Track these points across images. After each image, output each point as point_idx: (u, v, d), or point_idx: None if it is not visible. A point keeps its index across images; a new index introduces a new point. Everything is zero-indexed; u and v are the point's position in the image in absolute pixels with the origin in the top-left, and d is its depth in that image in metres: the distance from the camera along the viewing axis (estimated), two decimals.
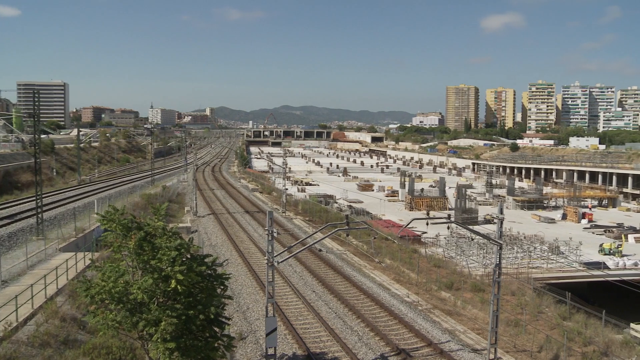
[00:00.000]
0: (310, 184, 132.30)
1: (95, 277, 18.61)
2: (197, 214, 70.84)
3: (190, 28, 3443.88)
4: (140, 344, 19.07)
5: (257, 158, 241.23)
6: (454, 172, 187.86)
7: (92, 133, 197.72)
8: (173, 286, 16.96)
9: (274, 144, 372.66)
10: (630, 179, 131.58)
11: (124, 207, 21.95)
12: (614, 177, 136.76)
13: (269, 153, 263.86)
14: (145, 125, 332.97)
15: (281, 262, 25.25)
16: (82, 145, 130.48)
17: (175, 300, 17.60)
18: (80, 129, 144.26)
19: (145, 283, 16.99)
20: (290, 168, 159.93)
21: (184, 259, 17.76)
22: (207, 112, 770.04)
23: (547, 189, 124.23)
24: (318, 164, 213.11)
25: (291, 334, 28.23)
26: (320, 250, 48.94)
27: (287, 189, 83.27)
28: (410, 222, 29.61)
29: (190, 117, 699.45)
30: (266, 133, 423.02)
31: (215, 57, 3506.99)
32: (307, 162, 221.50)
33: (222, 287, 19.55)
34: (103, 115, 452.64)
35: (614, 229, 78.37)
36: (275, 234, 23.78)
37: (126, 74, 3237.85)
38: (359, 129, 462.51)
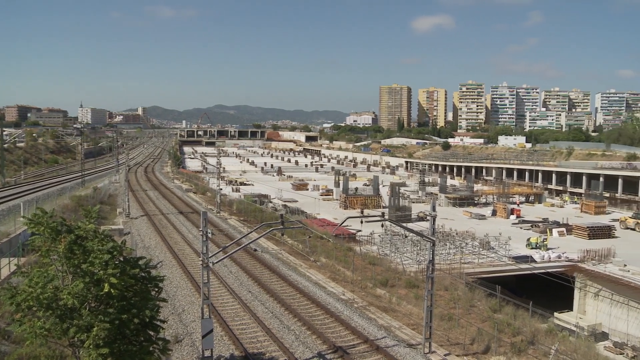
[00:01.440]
0: (245, 184, 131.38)
1: (21, 284, 17.91)
2: (129, 216, 69.35)
3: (120, 25, 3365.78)
4: (71, 351, 18.45)
5: (191, 158, 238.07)
6: (387, 170, 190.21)
7: (17, 133, 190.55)
8: (106, 290, 16.50)
9: (208, 144, 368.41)
10: (554, 176, 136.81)
11: (53, 209, 21.23)
12: (540, 174, 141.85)
13: (202, 153, 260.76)
14: (74, 125, 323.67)
15: (216, 262, 25.03)
16: (6, 145, 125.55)
17: (108, 305, 17.15)
18: (4, 129, 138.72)
19: (76, 288, 16.48)
20: (224, 168, 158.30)
21: (116, 262, 17.32)
22: (140, 112, 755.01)
23: (477, 186, 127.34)
24: (252, 163, 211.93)
25: (228, 335, 28.02)
26: (255, 250, 48.74)
27: (221, 189, 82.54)
28: (345, 220, 29.86)
29: (122, 117, 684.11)
30: (200, 133, 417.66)
31: (147, 56, 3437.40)
32: (241, 162, 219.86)
33: (156, 289, 19.21)
34: (29, 115, 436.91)
35: (539, 224, 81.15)
36: (209, 235, 23.56)
37: (54, 72, 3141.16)
38: (293, 129, 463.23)
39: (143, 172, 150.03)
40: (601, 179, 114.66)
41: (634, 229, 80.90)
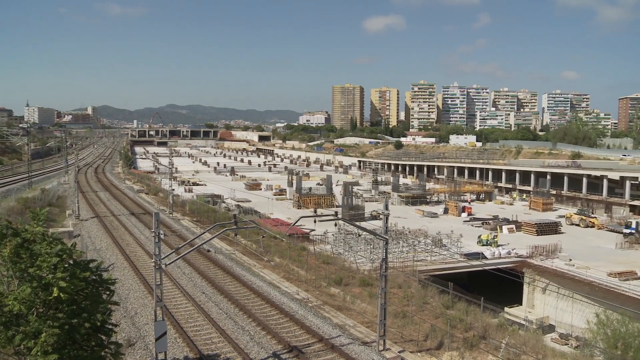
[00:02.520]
0: (198, 184, 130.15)
1: None
2: (79, 218, 67.80)
3: (68, 21, 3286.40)
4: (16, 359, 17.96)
5: (143, 158, 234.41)
6: (340, 170, 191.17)
7: None
8: (55, 294, 16.07)
9: (160, 144, 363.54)
10: (503, 174, 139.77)
11: None
12: (490, 173, 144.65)
13: (154, 153, 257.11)
14: (20, 125, 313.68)
15: (169, 264, 24.69)
16: None
17: (57, 310, 16.68)
18: None
19: (23, 293, 15.99)
20: (177, 168, 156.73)
21: (66, 265, 16.89)
22: (89, 111, 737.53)
23: (429, 185, 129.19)
24: (205, 163, 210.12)
25: (182, 337, 27.69)
26: (209, 250, 48.35)
27: (173, 190, 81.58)
28: (299, 220, 29.83)
29: (70, 117, 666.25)
30: (152, 133, 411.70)
31: (96, 54, 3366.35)
32: (194, 162, 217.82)
33: (108, 292, 18.82)
34: None
35: (490, 221, 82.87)
36: (162, 236, 23.24)
37: None
38: (246, 128, 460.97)
39: (93, 172, 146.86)
40: (548, 177, 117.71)
41: (578, 225, 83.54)
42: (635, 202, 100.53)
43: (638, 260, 59.87)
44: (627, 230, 74.33)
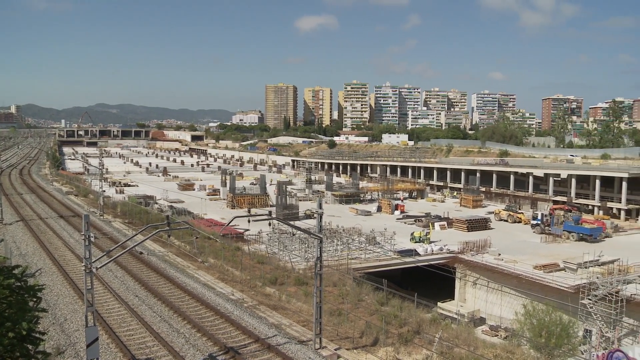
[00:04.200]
0: (129, 185, 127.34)
1: None
2: (3, 222, 65.18)
3: None
4: None
5: (72, 159, 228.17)
6: (274, 169, 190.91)
7: None
8: None
9: (90, 144, 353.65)
10: (435, 172, 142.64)
11: None
12: (422, 171, 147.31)
13: (84, 154, 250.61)
14: None
15: (100, 267, 24.04)
16: None
17: None
18: None
19: None
20: (107, 169, 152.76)
21: None
22: (13, 110, 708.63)
23: (363, 184, 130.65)
24: (137, 164, 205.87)
25: (114, 343, 27.01)
26: (141, 253, 47.47)
27: (104, 191, 79.56)
28: (232, 220, 29.60)
29: None
30: (81, 133, 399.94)
31: (20, 50, 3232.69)
32: (125, 163, 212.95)
33: (34, 299, 18.13)
34: None
35: (422, 218, 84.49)
36: (92, 239, 22.57)
37: None
38: (178, 128, 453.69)
39: (18, 174, 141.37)
40: (478, 175, 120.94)
41: (506, 220, 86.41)
42: (559, 198, 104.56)
43: (561, 253, 62.33)
44: (534, 222, 79.07)
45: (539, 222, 77.57)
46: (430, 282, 55.99)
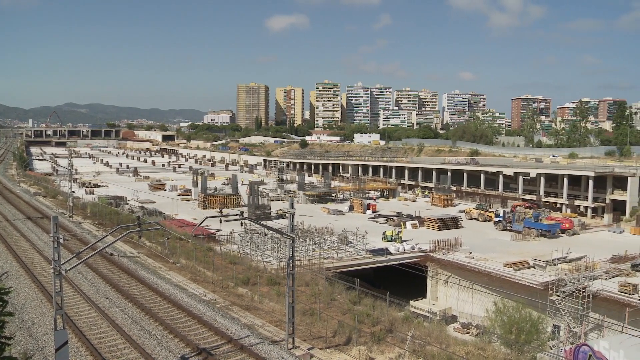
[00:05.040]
0: (99, 186, 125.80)
1: None
2: None
3: None
4: None
5: (40, 159, 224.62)
6: (246, 169, 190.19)
7: None
8: None
9: (58, 144, 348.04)
10: (406, 172, 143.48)
11: None
12: (393, 170, 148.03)
13: (52, 154, 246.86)
14: None
15: (69, 269, 23.75)
16: None
17: None
18: None
19: None
20: (76, 169, 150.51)
21: None
22: None
23: (335, 183, 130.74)
24: (107, 164, 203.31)
25: (84, 346, 26.68)
26: (112, 254, 47.00)
27: (74, 192, 78.55)
28: (204, 220, 29.51)
29: None
30: (49, 132, 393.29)
31: None
32: (95, 163, 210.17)
33: (1, 303, 17.87)
34: None
35: (394, 218, 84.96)
36: (61, 240, 22.28)
37: None
38: (149, 128, 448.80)
39: None
40: (449, 174, 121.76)
41: (477, 219, 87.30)
42: (528, 196, 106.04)
43: (530, 251, 63.25)
44: (497, 219, 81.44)
45: (501, 219, 79.44)
46: (403, 280, 56.38)
